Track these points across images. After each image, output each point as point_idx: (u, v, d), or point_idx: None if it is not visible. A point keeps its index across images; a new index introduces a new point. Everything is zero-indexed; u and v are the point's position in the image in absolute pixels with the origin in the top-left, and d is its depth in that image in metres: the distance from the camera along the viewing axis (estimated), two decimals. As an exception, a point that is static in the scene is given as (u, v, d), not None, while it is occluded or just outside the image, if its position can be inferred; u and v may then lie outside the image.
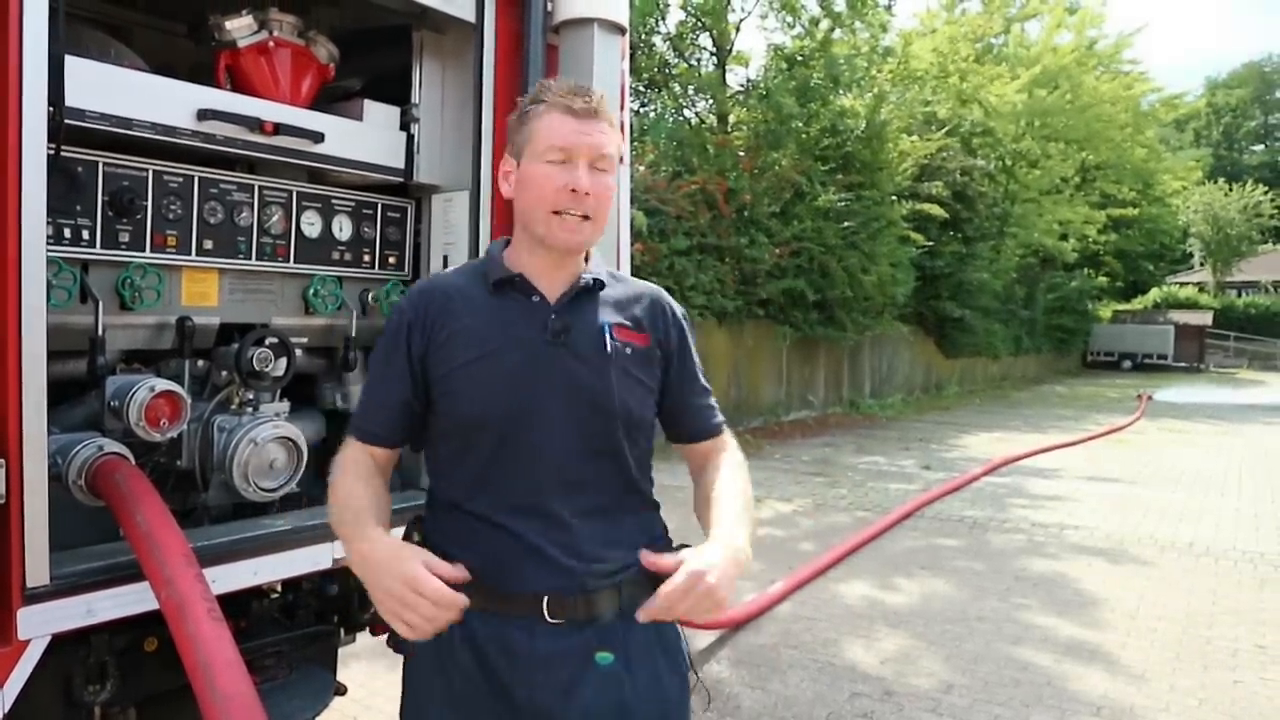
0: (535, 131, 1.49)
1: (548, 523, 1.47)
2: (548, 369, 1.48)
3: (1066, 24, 25.78)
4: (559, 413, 1.48)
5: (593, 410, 1.49)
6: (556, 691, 1.44)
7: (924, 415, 16.21)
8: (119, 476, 1.77)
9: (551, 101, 1.48)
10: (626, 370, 1.51)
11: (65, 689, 1.85)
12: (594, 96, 1.49)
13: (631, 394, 1.52)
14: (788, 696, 3.88)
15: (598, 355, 1.50)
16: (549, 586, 1.45)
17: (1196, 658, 4.44)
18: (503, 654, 1.46)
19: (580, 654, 1.45)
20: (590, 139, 1.46)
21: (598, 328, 1.51)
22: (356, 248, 2.44)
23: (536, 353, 1.48)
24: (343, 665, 2.53)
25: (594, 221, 1.49)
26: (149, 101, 1.94)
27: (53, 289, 1.80)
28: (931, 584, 5.64)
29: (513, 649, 1.45)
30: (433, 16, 2.37)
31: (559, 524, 1.47)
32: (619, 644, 1.47)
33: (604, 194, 1.48)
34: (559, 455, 1.48)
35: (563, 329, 1.49)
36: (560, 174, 1.46)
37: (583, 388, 1.48)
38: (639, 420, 1.54)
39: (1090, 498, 8.51)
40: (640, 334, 1.55)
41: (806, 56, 15.29)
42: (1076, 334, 30.82)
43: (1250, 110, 62.62)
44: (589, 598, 1.46)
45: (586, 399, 1.48)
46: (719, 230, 11.81)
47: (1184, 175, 36.21)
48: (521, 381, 1.47)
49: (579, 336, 1.50)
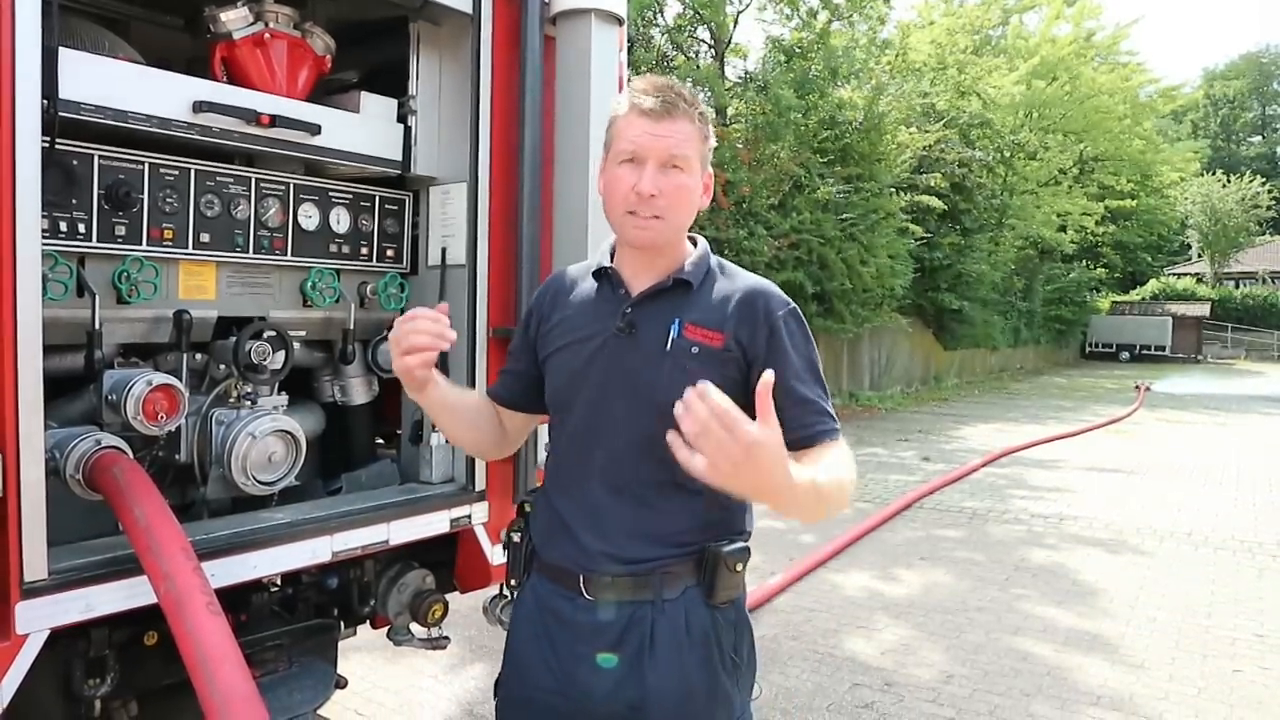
0: (614, 134, 1.54)
1: (586, 505, 1.56)
2: (614, 361, 1.54)
3: (1065, 15, 25.78)
4: (616, 403, 1.54)
5: (644, 404, 1.51)
6: (590, 664, 1.53)
7: (923, 407, 16.23)
8: (117, 470, 1.77)
9: (628, 102, 1.52)
10: (685, 368, 1.48)
11: (64, 683, 1.84)
12: (669, 93, 1.49)
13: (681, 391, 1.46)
14: (788, 688, 3.88)
15: (658, 351, 1.52)
16: (582, 565, 1.54)
17: (1195, 647, 4.45)
18: (554, 619, 1.58)
19: (612, 632, 1.52)
20: (660, 140, 1.48)
21: (666, 324, 1.53)
22: (354, 240, 2.43)
23: (607, 344, 1.55)
24: (343, 658, 2.53)
25: (666, 220, 1.51)
26: (144, 94, 1.93)
27: (49, 283, 1.79)
28: (931, 575, 5.65)
29: (560, 616, 1.57)
30: (430, 8, 2.36)
31: (596, 508, 1.55)
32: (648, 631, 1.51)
33: (675, 193, 1.50)
34: (610, 443, 1.55)
35: (630, 323, 1.54)
36: (630, 175, 1.49)
37: (639, 382, 1.52)
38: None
39: (1089, 488, 8.53)
40: (714, 333, 1.52)
41: (805, 48, 15.28)
42: (1075, 325, 30.88)
43: (1248, 102, 62.63)
44: (619, 581, 1.52)
45: (641, 393, 1.52)
46: (717, 223, 11.81)
47: (1182, 167, 36.22)
48: (591, 371, 1.56)
49: (646, 331, 1.54)
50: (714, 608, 1.53)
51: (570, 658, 1.55)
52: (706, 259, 1.60)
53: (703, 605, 1.53)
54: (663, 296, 1.55)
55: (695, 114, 1.51)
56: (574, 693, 1.54)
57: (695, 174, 1.53)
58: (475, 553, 2.49)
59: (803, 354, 1.54)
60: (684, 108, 1.50)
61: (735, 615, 1.57)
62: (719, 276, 1.58)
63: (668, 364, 1.51)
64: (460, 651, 4.10)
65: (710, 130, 1.56)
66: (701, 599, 1.53)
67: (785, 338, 1.52)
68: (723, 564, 1.52)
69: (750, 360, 1.51)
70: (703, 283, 1.56)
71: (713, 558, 1.52)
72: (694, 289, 1.55)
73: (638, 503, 1.54)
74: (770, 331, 1.51)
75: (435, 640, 2.56)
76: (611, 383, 1.55)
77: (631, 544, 1.52)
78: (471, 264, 2.42)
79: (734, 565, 1.53)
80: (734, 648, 1.57)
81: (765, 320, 1.52)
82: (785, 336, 1.52)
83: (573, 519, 1.57)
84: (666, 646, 1.51)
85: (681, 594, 1.52)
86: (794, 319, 1.55)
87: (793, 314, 1.55)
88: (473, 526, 2.45)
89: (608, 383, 1.55)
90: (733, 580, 1.54)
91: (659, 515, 1.53)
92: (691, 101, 1.52)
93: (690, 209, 1.55)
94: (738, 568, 1.54)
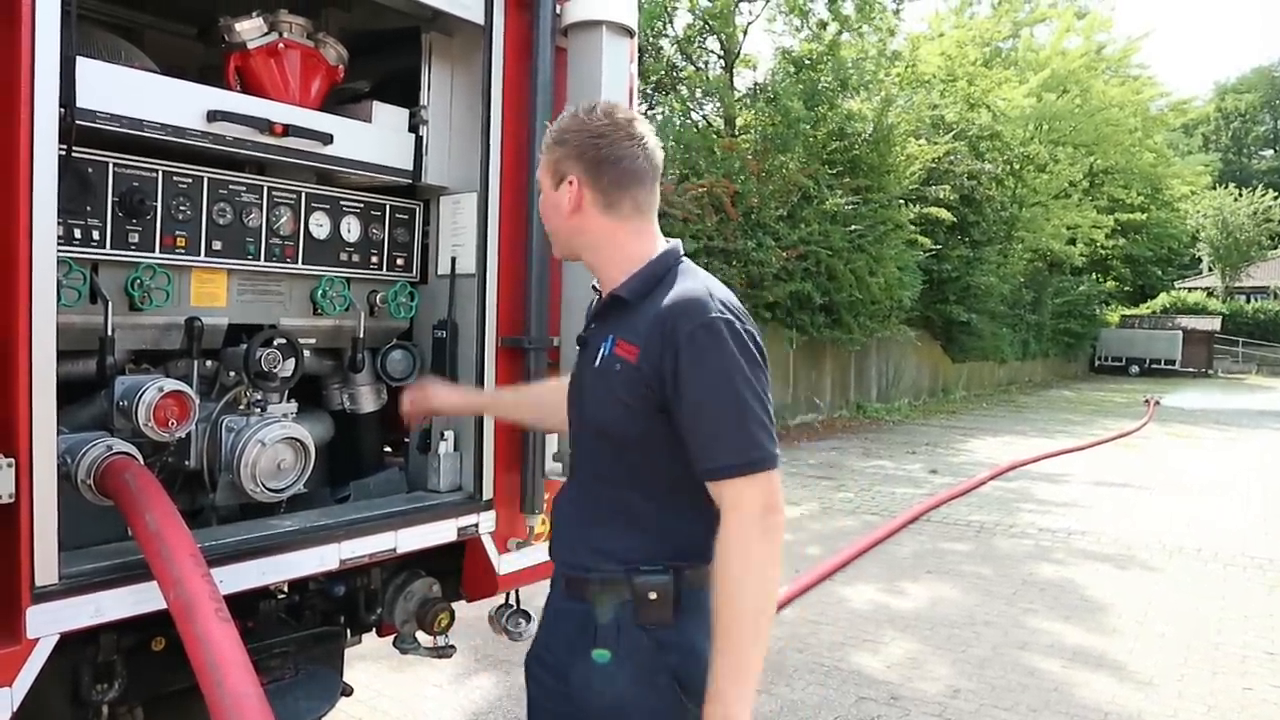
0: None
1: (559, 508, 1.70)
2: (577, 376, 1.67)
3: (1075, 28, 25.73)
4: (573, 417, 1.68)
5: (581, 418, 1.64)
6: (563, 646, 1.62)
7: (930, 419, 16.18)
8: (128, 476, 1.78)
9: None
10: (610, 386, 1.52)
11: (73, 688, 1.85)
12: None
13: (606, 408, 1.53)
14: (794, 701, 3.87)
15: (592, 367, 1.58)
16: (556, 559, 1.68)
17: (1205, 663, 4.41)
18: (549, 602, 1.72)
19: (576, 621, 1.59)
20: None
21: (602, 340, 1.57)
22: (365, 249, 2.44)
23: (578, 359, 1.68)
24: (349, 666, 2.53)
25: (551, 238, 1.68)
26: (159, 103, 1.95)
27: (63, 289, 1.81)
28: (938, 588, 5.63)
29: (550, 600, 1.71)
30: (442, 19, 2.38)
31: (562, 513, 1.69)
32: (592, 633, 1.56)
33: (544, 213, 1.66)
34: (575, 453, 1.70)
35: (584, 340, 1.66)
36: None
37: (579, 396, 1.63)
38: (614, 435, 1.54)
39: (1098, 503, 8.48)
40: (634, 348, 1.50)
41: (814, 60, 15.30)
42: (1084, 338, 30.71)
43: (1259, 115, 62.39)
44: (575, 580, 1.61)
45: (580, 406, 1.64)
46: (726, 233, 11.80)
47: (1193, 180, 36.09)
48: (572, 384, 1.69)
49: (591, 347, 1.61)
50: (643, 628, 1.51)
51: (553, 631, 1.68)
52: (657, 271, 1.56)
53: (633, 623, 1.52)
54: (608, 313, 1.60)
55: (548, 134, 1.61)
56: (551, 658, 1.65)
57: (545, 189, 1.63)
58: (482, 561, 2.49)
59: (713, 374, 1.43)
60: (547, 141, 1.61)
61: (675, 638, 1.52)
62: (659, 291, 1.52)
63: (595, 380, 1.57)
64: (466, 660, 4.10)
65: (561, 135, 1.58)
66: (632, 616, 1.52)
67: (689, 360, 1.43)
68: (637, 590, 1.51)
69: (661, 383, 1.46)
70: (645, 298, 1.53)
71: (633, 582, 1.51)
72: (630, 305, 1.54)
73: (589, 516, 1.62)
74: (675, 353, 1.44)
75: (441, 649, 2.56)
76: (572, 400, 1.67)
77: (579, 549, 1.61)
78: (481, 273, 2.43)
79: (646, 594, 1.50)
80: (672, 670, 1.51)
81: (670, 342, 1.45)
82: (689, 358, 1.43)
83: (556, 520, 1.71)
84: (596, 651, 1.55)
85: (620, 606, 1.52)
86: (706, 333, 1.44)
87: (704, 328, 1.44)
88: (480, 535, 2.45)
89: (571, 400, 1.67)
90: (650, 608, 1.50)
91: (604, 528, 1.58)
92: (554, 125, 1.61)
93: (550, 220, 1.64)
94: (650, 596, 1.50)
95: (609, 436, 1.55)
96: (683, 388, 1.44)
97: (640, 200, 1.58)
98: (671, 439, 1.48)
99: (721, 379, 1.43)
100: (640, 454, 1.53)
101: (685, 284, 1.52)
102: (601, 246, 1.59)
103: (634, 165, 1.55)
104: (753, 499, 1.41)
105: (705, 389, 1.43)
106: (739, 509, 1.42)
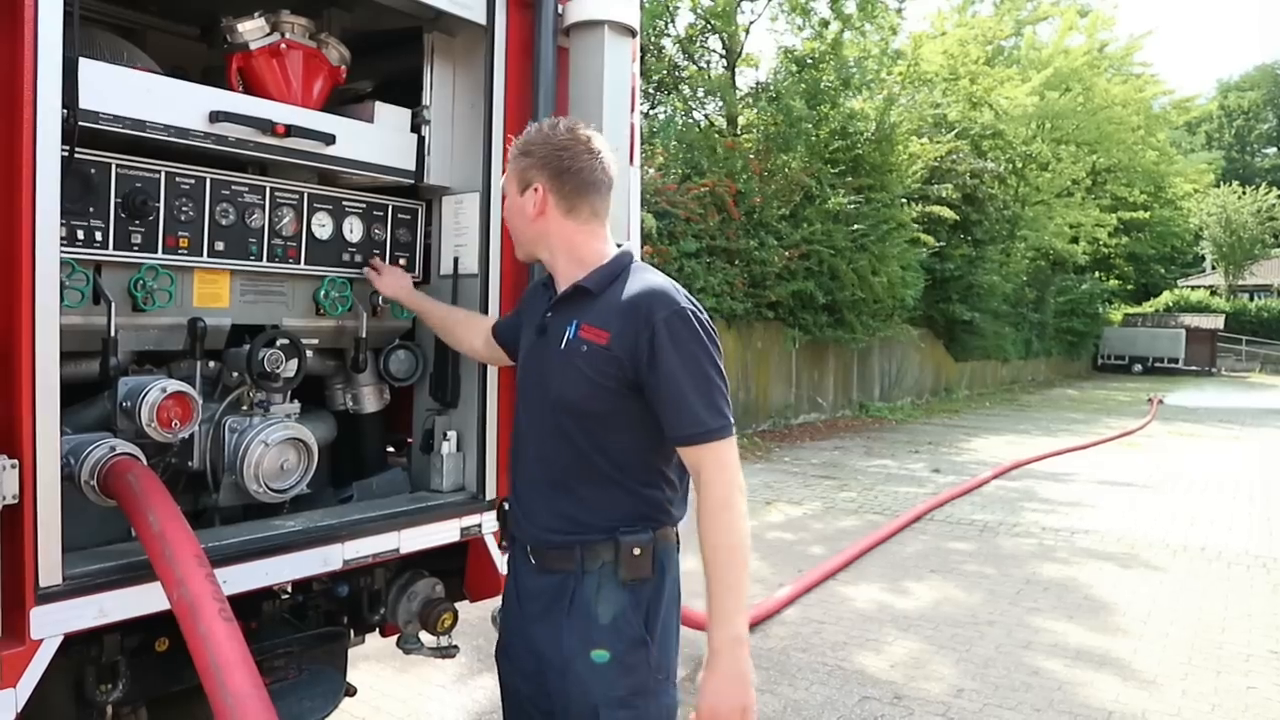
0: None
1: (521, 486, 1.84)
2: (534, 360, 1.82)
3: (1078, 27, 25.70)
4: (533, 397, 1.81)
5: (546, 397, 1.76)
6: (535, 617, 1.78)
7: (933, 418, 16.17)
8: (131, 477, 1.78)
9: None
10: (577, 365, 1.70)
11: (77, 688, 1.85)
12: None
13: (574, 386, 1.70)
14: (796, 700, 3.87)
15: (556, 349, 1.74)
16: (527, 537, 1.81)
17: (1209, 663, 4.41)
18: (514, 580, 1.88)
19: (550, 594, 1.75)
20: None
21: (565, 325, 1.74)
22: (367, 249, 2.44)
23: (534, 345, 1.83)
24: (352, 666, 2.54)
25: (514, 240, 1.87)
26: (161, 104, 1.95)
27: (66, 290, 1.80)
28: (941, 588, 5.62)
29: (517, 578, 1.86)
30: (444, 19, 2.38)
31: (525, 489, 1.82)
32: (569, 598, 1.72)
33: (508, 217, 1.86)
34: (532, 432, 1.82)
35: (543, 327, 1.79)
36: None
37: (544, 378, 1.77)
38: (583, 410, 1.71)
39: (1101, 502, 8.47)
40: (602, 332, 1.68)
41: (816, 59, 15.29)
42: (1087, 337, 30.68)
43: (1263, 113, 62.26)
44: (547, 553, 1.76)
45: (544, 387, 1.76)
46: (728, 233, 11.80)
47: (1196, 179, 36.03)
48: (525, 370, 1.86)
49: (553, 333, 1.76)
50: (624, 585, 1.71)
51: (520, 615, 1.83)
52: (615, 268, 1.76)
53: (614, 581, 1.71)
54: (569, 302, 1.77)
55: (514, 145, 1.80)
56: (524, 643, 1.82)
57: (510, 195, 1.81)
58: (485, 562, 2.49)
59: (685, 355, 1.64)
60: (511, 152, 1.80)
61: (650, 594, 1.74)
62: (622, 283, 1.73)
63: (562, 361, 1.72)
64: (469, 661, 4.10)
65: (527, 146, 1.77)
66: (613, 575, 1.71)
67: (665, 341, 1.63)
68: (624, 548, 1.70)
69: (635, 362, 1.65)
70: (606, 289, 1.73)
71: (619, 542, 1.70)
72: (594, 295, 1.73)
73: (562, 488, 1.75)
74: (651, 335, 1.64)
75: (444, 649, 2.56)
76: (533, 381, 1.81)
77: (558, 522, 1.74)
78: (484, 273, 2.43)
79: (631, 550, 1.71)
80: (643, 623, 1.72)
81: (646, 325, 1.64)
82: (665, 340, 1.63)
83: (521, 499, 1.83)
84: (581, 613, 1.72)
85: (599, 568, 1.71)
86: (679, 320, 1.65)
87: (677, 315, 1.65)
88: (483, 535, 2.45)
89: (531, 381, 1.82)
90: (636, 562, 1.71)
91: (579, 500, 1.74)
92: (519, 137, 1.80)
93: (514, 224, 1.84)
94: (635, 553, 1.71)
95: (577, 411, 1.71)
96: (659, 366, 1.63)
97: (597, 207, 1.79)
98: (636, 413, 1.69)
99: (692, 360, 1.64)
100: (607, 427, 1.71)
101: (649, 278, 1.74)
102: (561, 246, 1.79)
103: (592, 176, 1.76)
104: (728, 459, 1.65)
105: (679, 368, 1.64)
106: (720, 467, 1.64)
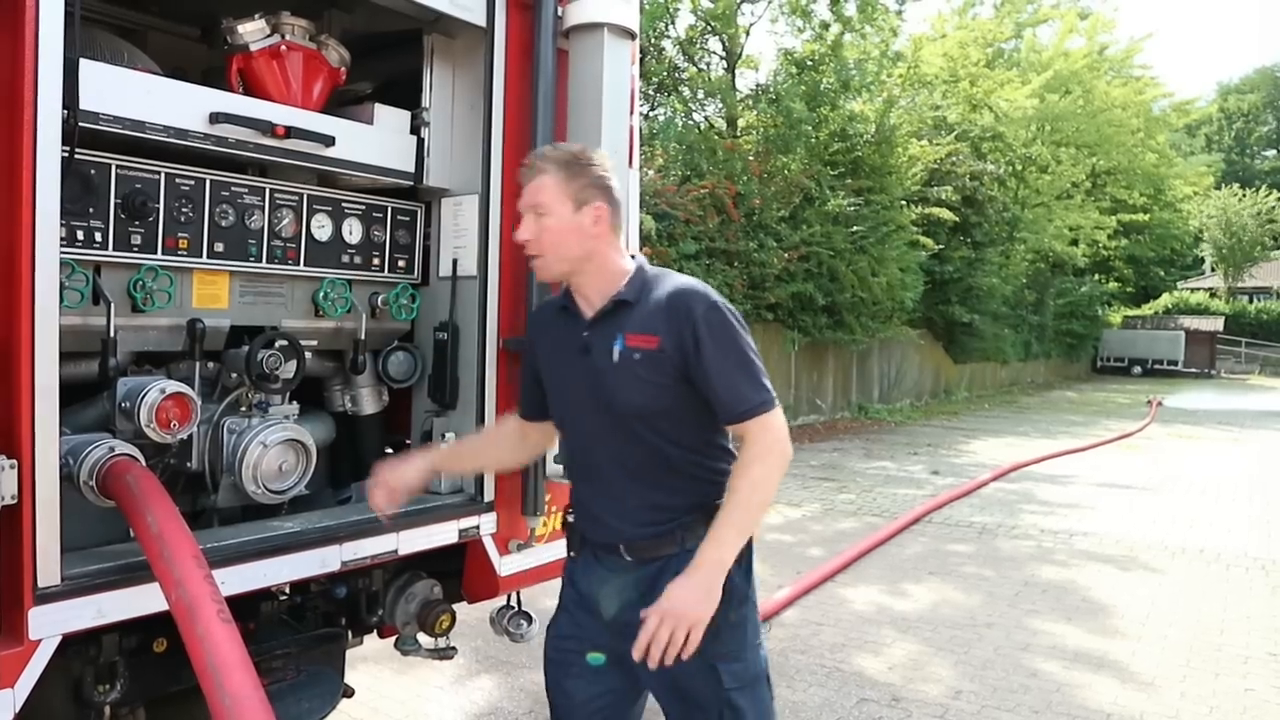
0: None
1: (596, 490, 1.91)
2: (580, 377, 1.86)
3: (1078, 29, 25.73)
4: (587, 411, 1.87)
5: (606, 408, 1.82)
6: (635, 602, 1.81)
7: (932, 420, 16.16)
8: (130, 478, 1.78)
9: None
10: (634, 373, 1.79)
11: (75, 689, 1.86)
12: (534, 159, 1.85)
13: (639, 392, 1.79)
14: (795, 702, 3.87)
15: (609, 363, 1.80)
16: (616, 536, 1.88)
17: (1207, 665, 4.40)
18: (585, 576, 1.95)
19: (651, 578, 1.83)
20: (527, 197, 1.83)
21: (612, 339, 1.81)
22: (366, 251, 2.45)
23: (574, 364, 1.87)
24: (350, 668, 2.53)
25: (546, 257, 1.84)
26: (161, 105, 1.95)
27: (65, 290, 1.81)
28: (940, 590, 5.62)
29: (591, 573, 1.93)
30: (444, 21, 2.38)
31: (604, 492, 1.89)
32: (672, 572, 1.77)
33: (544, 234, 1.82)
34: (591, 443, 1.90)
35: (585, 346, 1.84)
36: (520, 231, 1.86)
37: (600, 391, 1.82)
38: (651, 411, 1.80)
39: (1100, 504, 8.47)
40: (651, 337, 1.78)
41: (816, 61, 15.30)
42: (1086, 339, 30.68)
43: (1263, 116, 62.26)
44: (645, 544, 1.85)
45: (602, 400, 1.82)
46: (728, 234, 11.80)
47: (1195, 181, 36.04)
48: (567, 387, 1.91)
49: (599, 348, 1.82)
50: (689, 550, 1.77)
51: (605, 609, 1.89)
52: (640, 276, 1.85)
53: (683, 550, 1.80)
54: (607, 318, 1.83)
55: (552, 165, 1.81)
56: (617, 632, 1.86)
57: (559, 213, 1.80)
58: (483, 563, 2.50)
59: (725, 343, 1.76)
60: (541, 165, 1.82)
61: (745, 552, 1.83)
62: (653, 288, 1.83)
63: (620, 372, 1.79)
64: (467, 662, 4.10)
65: (578, 168, 1.80)
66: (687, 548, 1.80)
67: (705, 334, 1.75)
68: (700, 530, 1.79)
69: (684, 356, 1.76)
70: (640, 298, 1.82)
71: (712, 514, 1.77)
72: (633, 306, 1.81)
73: (647, 483, 1.84)
74: (694, 329, 1.75)
75: (443, 650, 2.57)
76: (586, 398, 1.85)
77: (651, 514, 1.84)
78: (483, 275, 2.44)
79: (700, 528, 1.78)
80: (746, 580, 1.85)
81: (688, 321, 1.76)
82: (705, 333, 1.75)
83: (598, 502, 1.90)
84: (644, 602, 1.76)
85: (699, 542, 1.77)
86: (715, 312, 1.77)
87: (713, 308, 1.78)
88: (481, 537, 2.46)
89: (584, 399, 1.86)
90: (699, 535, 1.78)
91: (667, 489, 1.84)
92: (552, 157, 1.83)
93: (566, 241, 1.81)
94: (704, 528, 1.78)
95: (647, 413, 1.80)
96: (704, 356, 1.75)
97: (621, 224, 1.91)
98: (695, 401, 1.79)
99: (732, 345, 1.77)
100: (674, 419, 1.81)
101: (675, 279, 1.85)
102: (605, 262, 1.85)
103: (620, 195, 1.89)
104: (776, 425, 1.77)
105: (723, 355, 1.76)
106: (767, 432, 1.76)
